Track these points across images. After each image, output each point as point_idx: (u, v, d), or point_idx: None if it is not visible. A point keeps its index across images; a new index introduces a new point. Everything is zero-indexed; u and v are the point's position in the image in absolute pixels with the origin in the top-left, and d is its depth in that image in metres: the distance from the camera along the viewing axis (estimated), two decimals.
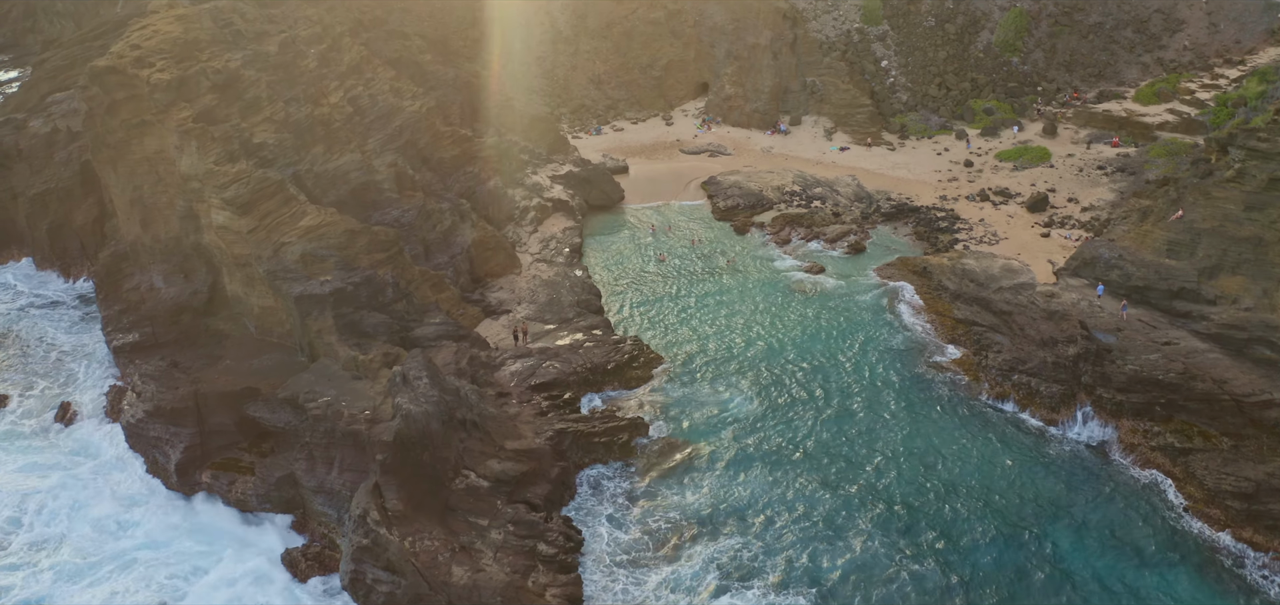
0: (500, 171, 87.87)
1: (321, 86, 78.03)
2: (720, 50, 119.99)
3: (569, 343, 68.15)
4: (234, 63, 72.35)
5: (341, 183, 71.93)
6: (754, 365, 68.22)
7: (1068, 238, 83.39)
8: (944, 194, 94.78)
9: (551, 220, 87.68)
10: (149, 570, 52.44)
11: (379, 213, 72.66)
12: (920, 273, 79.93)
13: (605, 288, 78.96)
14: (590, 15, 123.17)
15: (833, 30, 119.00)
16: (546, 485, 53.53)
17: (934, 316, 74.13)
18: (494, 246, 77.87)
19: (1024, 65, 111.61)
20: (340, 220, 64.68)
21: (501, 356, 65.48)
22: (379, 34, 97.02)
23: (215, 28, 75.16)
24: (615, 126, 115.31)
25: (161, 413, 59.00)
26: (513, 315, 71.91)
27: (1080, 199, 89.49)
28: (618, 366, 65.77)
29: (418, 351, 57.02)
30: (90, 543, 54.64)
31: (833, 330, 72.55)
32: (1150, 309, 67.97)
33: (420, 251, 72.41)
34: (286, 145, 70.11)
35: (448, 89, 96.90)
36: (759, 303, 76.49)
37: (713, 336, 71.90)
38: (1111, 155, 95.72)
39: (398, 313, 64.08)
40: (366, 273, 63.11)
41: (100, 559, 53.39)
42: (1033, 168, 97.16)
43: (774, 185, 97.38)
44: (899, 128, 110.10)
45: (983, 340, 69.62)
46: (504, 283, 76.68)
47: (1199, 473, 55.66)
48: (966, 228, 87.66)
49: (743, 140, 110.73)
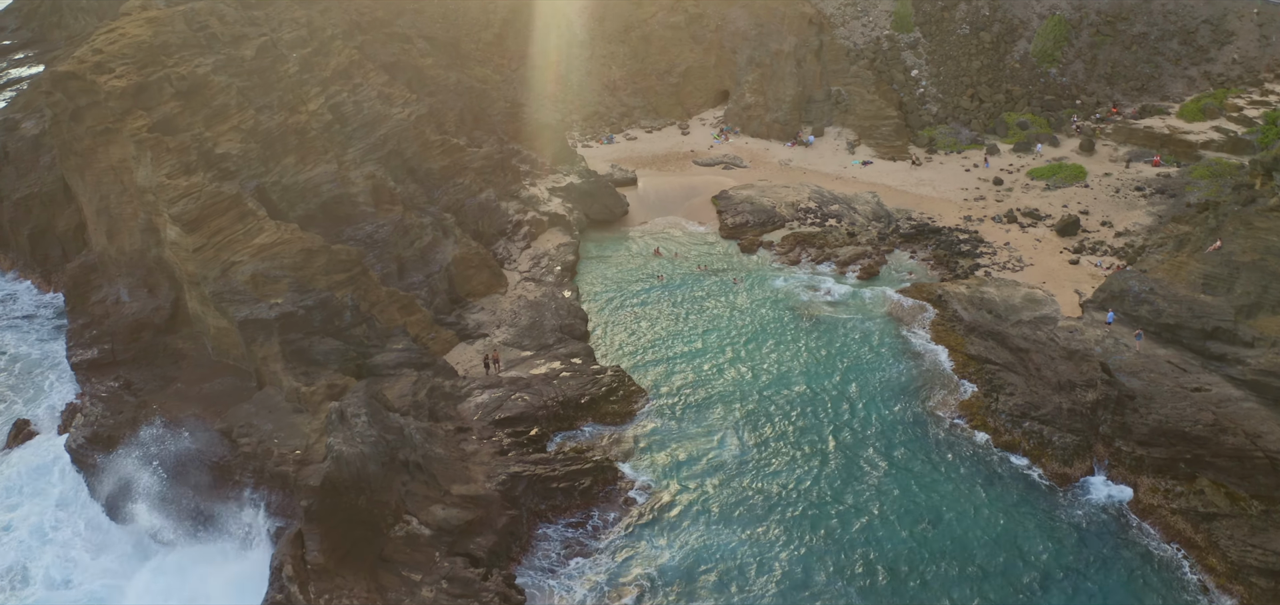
0: (494, 183, 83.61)
1: (301, 93, 74.47)
2: (742, 57, 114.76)
3: (544, 372, 63.61)
4: (203, 68, 68.96)
5: (312, 196, 68.20)
6: (746, 401, 63.05)
7: (1098, 265, 77.00)
8: (969, 214, 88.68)
9: (546, 236, 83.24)
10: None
11: (352, 227, 68.82)
12: (935, 301, 74.14)
13: (594, 311, 74.36)
14: (608, 18, 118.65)
15: (861, 37, 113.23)
16: (492, 536, 48.94)
17: (947, 351, 68.32)
18: (477, 264, 73.64)
19: (1062, 77, 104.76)
20: (298, 238, 60.83)
21: (468, 386, 61.14)
22: (377, 37, 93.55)
23: (188, 31, 71.92)
24: (629, 135, 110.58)
25: (100, 439, 55.61)
26: (489, 340, 67.62)
27: (1115, 223, 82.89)
28: (593, 400, 61.01)
29: (361, 385, 52.84)
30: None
31: (836, 364, 67.11)
32: (1181, 350, 61.68)
33: (393, 270, 68.41)
34: (252, 156, 66.53)
35: (448, 95, 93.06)
36: (758, 331, 71.28)
37: (704, 367, 66.88)
38: (1151, 175, 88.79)
39: (355, 338, 60.11)
40: (322, 295, 59.20)
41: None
42: (1066, 187, 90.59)
43: (788, 201, 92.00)
44: (927, 141, 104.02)
45: (995, 380, 63.72)
46: (486, 303, 72.43)
47: (1223, 543, 49.47)
48: (990, 252, 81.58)
49: (761, 152, 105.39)
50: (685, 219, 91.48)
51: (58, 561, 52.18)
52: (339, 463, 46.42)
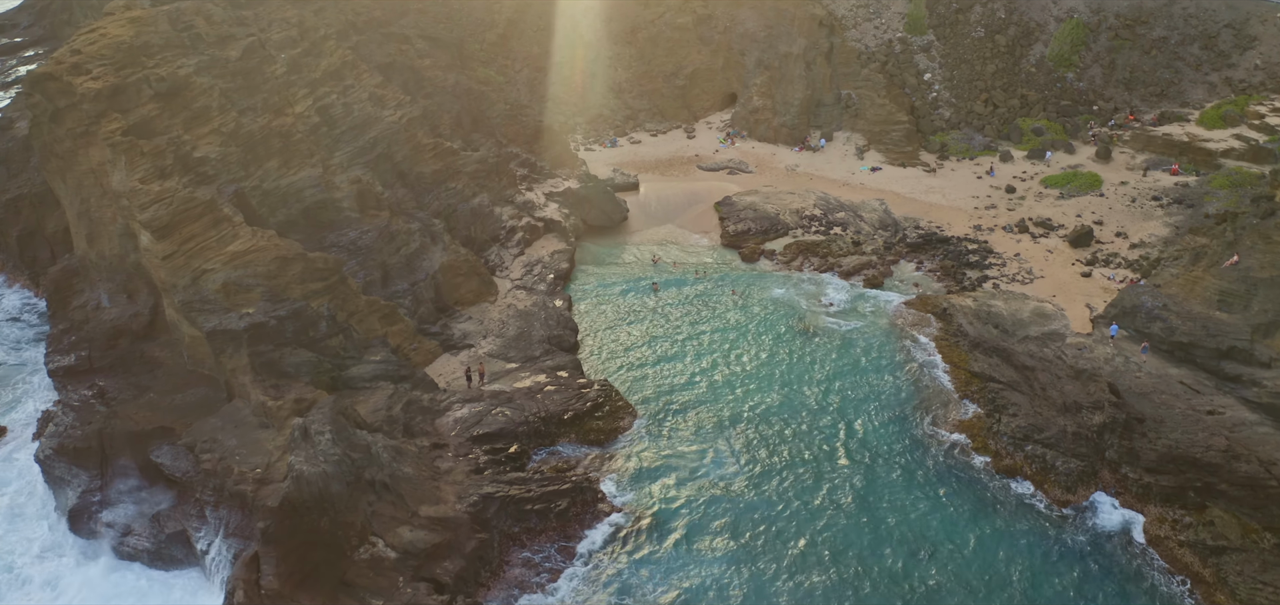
0: (488, 188, 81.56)
1: (288, 94, 72.67)
2: (750, 59, 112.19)
3: (529, 385, 61.45)
4: (185, 69, 67.22)
5: (294, 200, 66.33)
6: (737, 419, 60.63)
7: (1111, 278, 74.00)
8: (979, 223, 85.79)
9: (541, 242, 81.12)
10: None
11: (335, 233, 66.92)
12: (940, 314, 71.47)
13: (586, 321, 72.14)
14: (615, 19, 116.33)
15: (873, 40, 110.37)
16: (460, 561, 46.76)
17: (949, 367, 65.64)
18: (467, 272, 71.59)
19: (1079, 82, 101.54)
20: (273, 245, 58.93)
21: (448, 400, 59.05)
22: (374, 37, 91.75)
23: (171, 31, 70.20)
24: (633, 138, 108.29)
25: (66, 451, 53.96)
26: (474, 350, 65.55)
27: (1130, 233, 79.79)
28: (577, 416, 58.75)
29: (329, 401, 50.77)
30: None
31: (834, 379, 64.59)
32: (1194, 370, 58.84)
33: (377, 278, 66.43)
34: (232, 159, 64.72)
35: (445, 97, 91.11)
36: (755, 343, 68.85)
37: (696, 382, 64.52)
38: (1169, 184, 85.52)
39: (331, 350, 58.17)
40: (296, 305, 57.28)
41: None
42: (1081, 196, 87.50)
43: (793, 208, 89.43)
44: (938, 147, 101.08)
45: (998, 400, 60.97)
46: (475, 312, 70.38)
47: (1232, 579, 46.62)
48: (999, 263, 78.71)
49: (767, 157, 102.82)
50: (686, 226, 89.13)
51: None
52: (299, 483, 44.44)
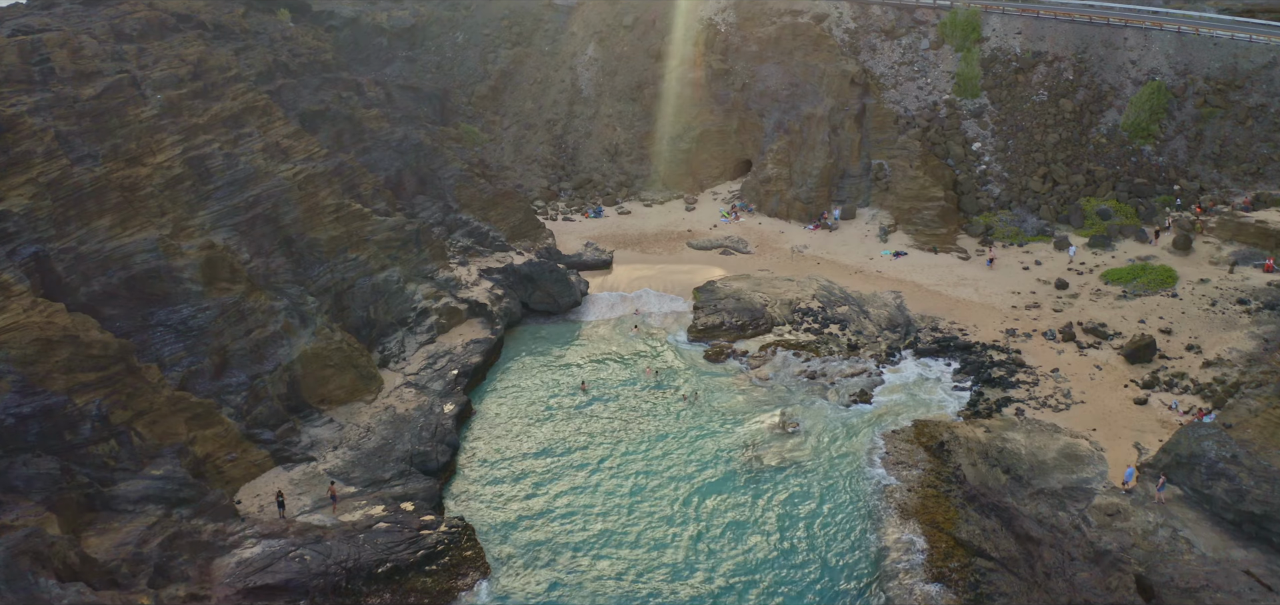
0: (403, 261, 68.11)
1: (152, 141, 61.13)
2: (769, 121, 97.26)
3: (359, 518, 47.15)
4: (19, 107, 56.51)
5: (117, 267, 53.99)
6: (626, 583, 45.08)
7: (1173, 407, 56.12)
8: (1014, 325, 68.49)
9: (459, 329, 67.17)
10: None
11: (165, 310, 54.30)
12: (934, 451, 54.74)
13: (478, 432, 57.65)
14: (620, 73, 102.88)
15: (915, 102, 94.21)
16: None
17: (928, 529, 48.78)
18: (340, 362, 58.11)
19: (1159, 156, 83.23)
20: (37, 324, 46.42)
21: (240, 534, 45.10)
22: (310, 82, 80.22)
23: (18, 62, 59.87)
24: (622, 208, 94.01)
25: None
26: (313, 466, 51.65)
27: (1205, 347, 61.52)
28: (396, 569, 44.02)
29: (20, 534, 37.31)
30: None
31: (774, 538, 48.40)
32: (1268, 552, 41.06)
33: (208, 366, 53.42)
34: (41, 215, 52.95)
35: (386, 152, 78.78)
36: (684, 476, 53.23)
37: (588, 529, 49.14)
38: (1261, 284, 66.60)
39: (95, 459, 45.06)
40: (51, 400, 44.50)
41: None
42: (1149, 295, 69.32)
43: (786, 298, 73.59)
44: (982, 230, 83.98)
45: (982, 587, 43.91)
46: (342, 413, 56.71)
47: None
48: (1031, 381, 61.41)
49: (773, 235, 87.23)
50: (655, 313, 74.12)
51: None
52: None
